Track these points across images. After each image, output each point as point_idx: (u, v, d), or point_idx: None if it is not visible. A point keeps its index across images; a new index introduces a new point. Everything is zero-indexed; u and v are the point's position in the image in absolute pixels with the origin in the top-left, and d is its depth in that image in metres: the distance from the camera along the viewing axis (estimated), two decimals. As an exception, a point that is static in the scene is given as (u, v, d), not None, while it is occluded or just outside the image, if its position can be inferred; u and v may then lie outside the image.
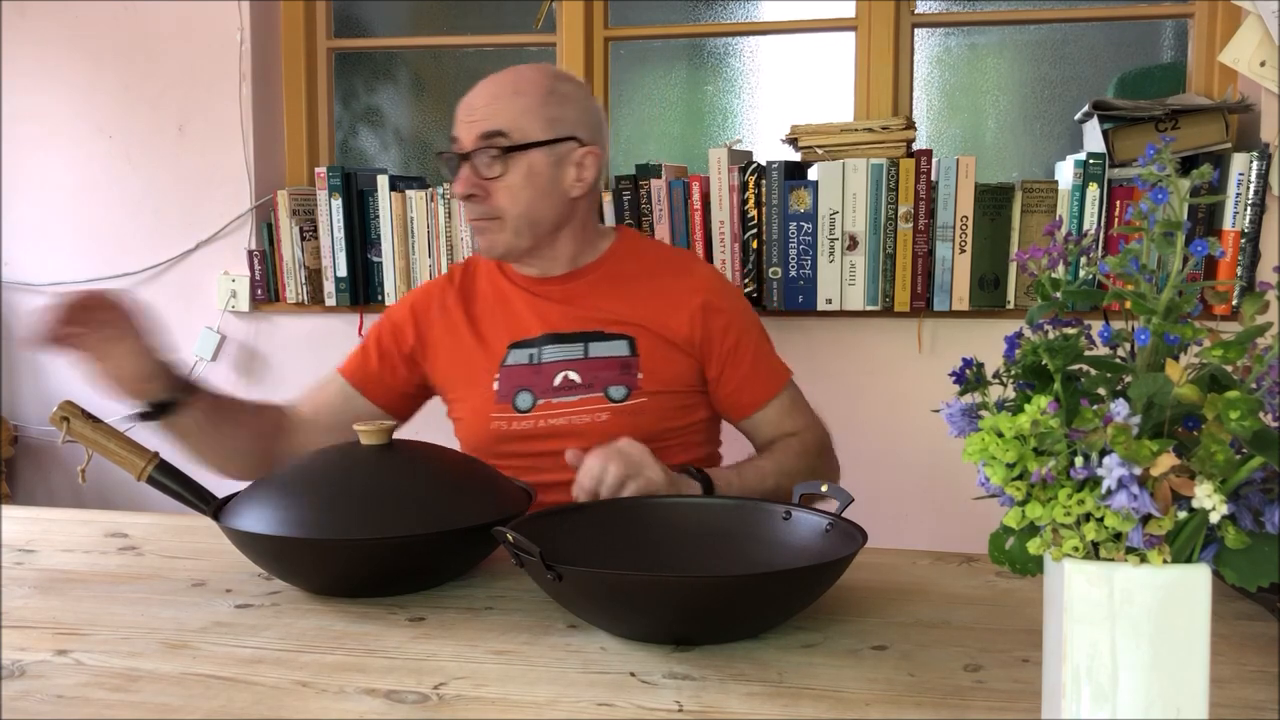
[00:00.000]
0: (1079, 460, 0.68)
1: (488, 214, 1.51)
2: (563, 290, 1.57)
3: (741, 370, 1.57)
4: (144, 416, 1.40)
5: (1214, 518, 0.66)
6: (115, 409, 1.42)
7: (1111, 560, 0.68)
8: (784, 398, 1.61)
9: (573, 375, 1.52)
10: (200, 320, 2.72)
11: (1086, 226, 2.23)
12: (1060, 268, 0.79)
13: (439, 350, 1.60)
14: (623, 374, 1.52)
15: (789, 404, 1.61)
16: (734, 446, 1.67)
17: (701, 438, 1.60)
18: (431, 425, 1.65)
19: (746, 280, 2.36)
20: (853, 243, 2.32)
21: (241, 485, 1.24)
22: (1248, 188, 2.19)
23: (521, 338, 1.56)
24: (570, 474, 1.41)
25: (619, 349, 1.53)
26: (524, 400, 1.52)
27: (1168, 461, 0.66)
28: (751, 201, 2.35)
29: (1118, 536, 0.68)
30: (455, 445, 1.62)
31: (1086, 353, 0.75)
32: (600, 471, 1.28)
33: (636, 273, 1.59)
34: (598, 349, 1.53)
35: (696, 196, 2.37)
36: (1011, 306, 2.29)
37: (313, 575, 1.15)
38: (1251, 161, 2.18)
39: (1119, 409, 0.67)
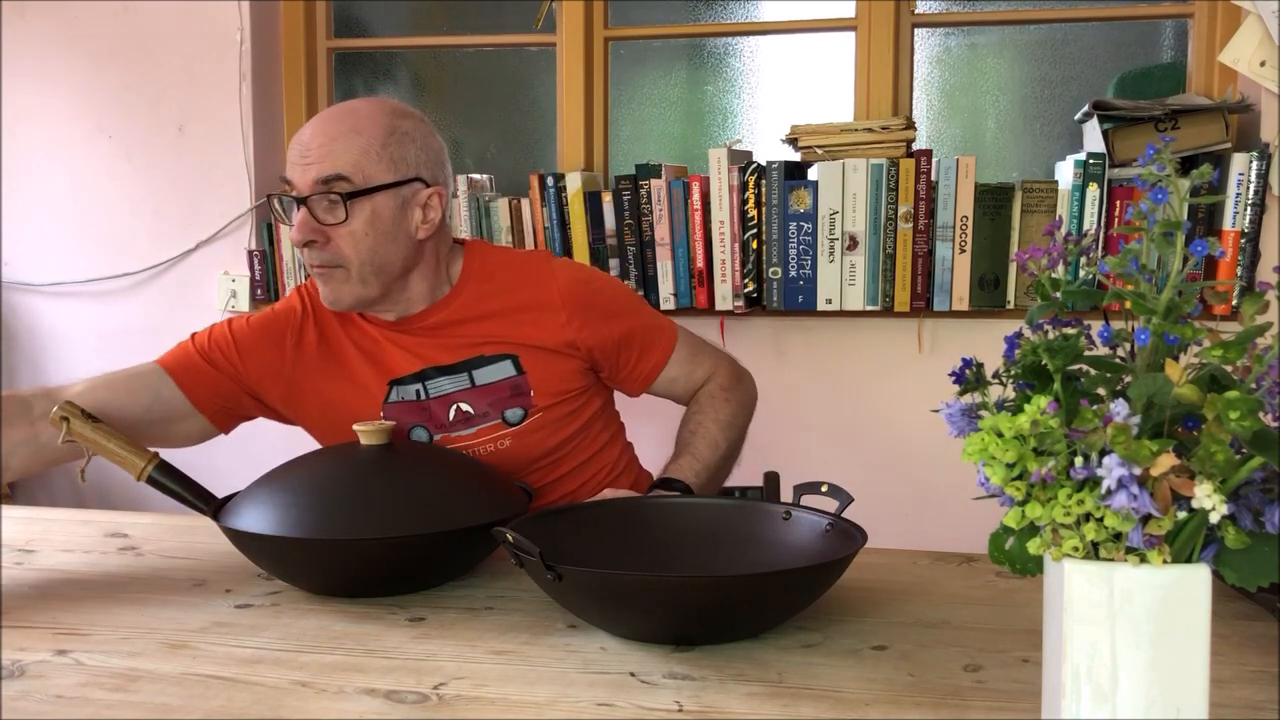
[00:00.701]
0: (1079, 460, 0.68)
1: (330, 261, 1.41)
2: (427, 325, 1.49)
3: (635, 348, 1.54)
4: None
5: (1214, 518, 0.66)
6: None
7: (1111, 560, 0.68)
8: (681, 351, 1.58)
9: (465, 406, 1.46)
10: (200, 320, 2.69)
11: (1086, 226, 2.23)
12: (1060, 268, 0.79)
13: (301, 390, 1.50)
14: (515, 396, 1.46)
15: (688, 354, 1.59)
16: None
17: (599, 427, 1.57)
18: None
19: (746, 280, 2.36)
20: (853, 243, 2.32)
21: (242, 485, 1.24)
22: (1248, 188, 2.19)
23: (401, 374, 1.47)
24: None
25: (505, 370, 1.46)
26: (420, 436, 1.46)
27: (1168, 461, 0.66)
28: (751, 201, 2.35)
29: (1118, 536, 0.68)
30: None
31: (1086, 353, 0.75)
32: None
33: (497, 290, 1.51)
34: (483, 374, 1.46)
35: (696, 196, 2.37)
36: (1011, 306, 2.29)
37: (313, 575, 1.15)
38: (1251, 161, 2.18)
39: (1119, 409, 0.67)
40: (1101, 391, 0.73)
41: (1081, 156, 2.24)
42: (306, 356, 1.50)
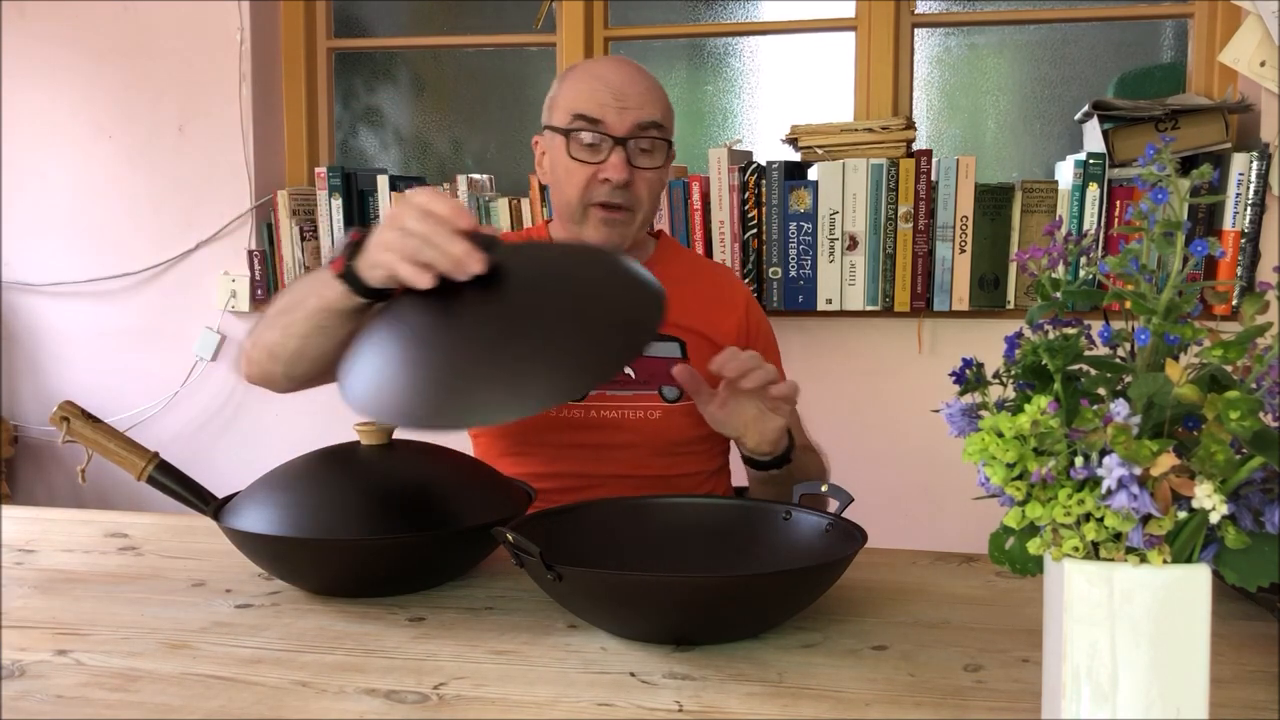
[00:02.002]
0: (1079, 460, 0.68)
1: (626, 202, 1.48)
2: None
3: None
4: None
5: (1214, 518, 0.66)
6: (114, 409, 1.42)
7: (1111, 560, 0.68)
8: (795, 414, 1.61)
9: (628, 369, 1.50)
10: (200, 320, 2.72)
11: (1086, 226, 2.23)
12: (1060, 268, 0.79)
13: None
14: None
15: (798, 420, 1.62)
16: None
17: (720, 448, 1.61)
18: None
19: (746, 280, 2.36)
20: (853, 243, 2.32)
21: (242, 485, 1.24)
22: (1248, 188, 2.19)
23: None
24: (616, 468, 1.46)
25: (671, 351, 1.52)
26: None
27: (1168, 461, 0.66)
28: (751, 201, 2.35)
29: (1118, 536, 0.68)
30: (467, 445, 1.60)
31: (1086, 353, 0.75)
32: (753, 362, 1.29)
33: (682, 277, 1.57)
34: (651, 348, 1.51)
35: (696, 196, 2.37)
36: (1011, 306, 2.30)
37: (313, 575, 1.15)
38: (1251, 161, 2.18)
39: (1119, 409, 0.67)
40: (1101, 391, 0.73)
41: (1081, 156, 2.24)
42: None
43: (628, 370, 1.51)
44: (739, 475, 1.58)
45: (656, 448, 1.50)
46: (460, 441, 1.54)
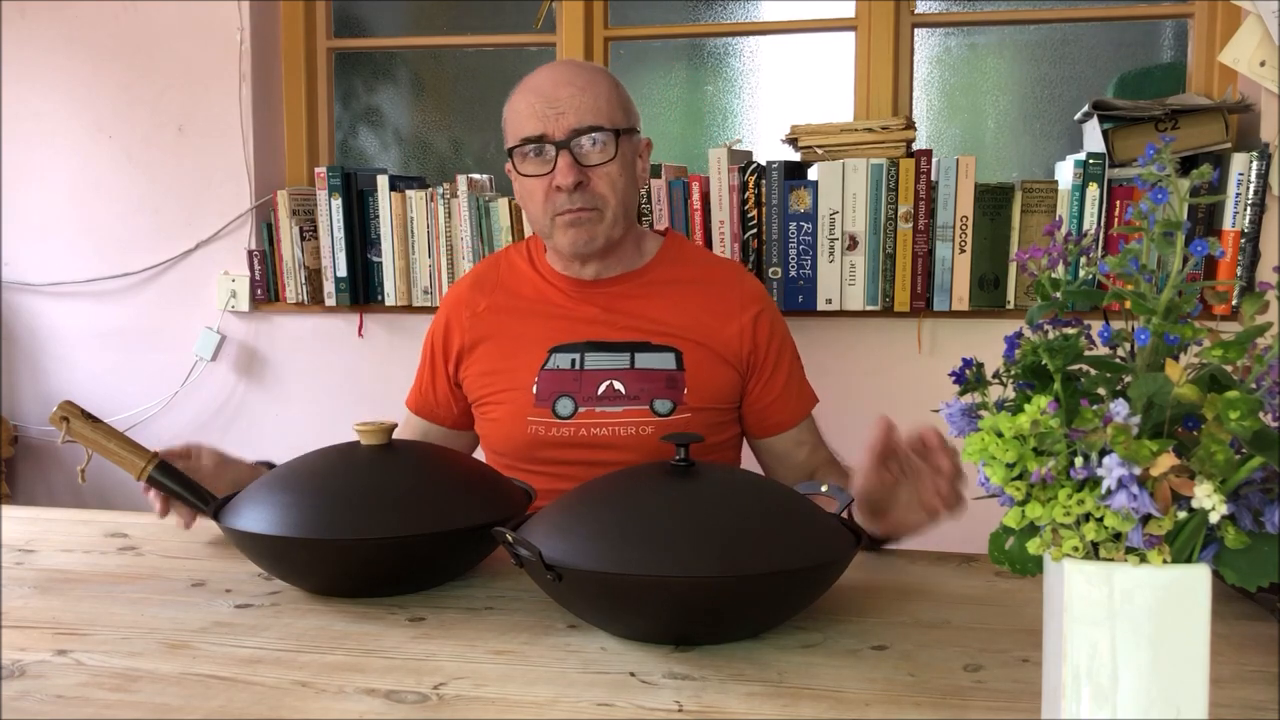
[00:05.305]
0: (1079, 460, 0.68)
1: (589, 204, 1.45)
2: (608, 295, 1.53)
3: (777, 386, 1.56)
4: None
5: (1214, 518, 0.66)
6: (114, 409, 1.42)
7: (1111, 560, 0.68)
8: (812, 422, 1.61)
9: (618, 385, 1.47)
10: (200, 320, 2.72)
11: (1086, 226, 2.23)
12: (1060, 268, 0.79)
13: (474, 354, 1.56)
14: (669, 388, 1.48)
15: (818, 430, 1.61)
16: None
17: (731, 456, 1.59)
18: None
19: (746, 280, 2.36)
20: (853, 243, 2.32)
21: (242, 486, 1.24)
22: (1248, 188, 2.19)
23: (564, 341, 1.50)
24: None
25: (666, 362, 1.49)
26: (564, 406, 1.47)
27: (1168, 461, 0.66)
28: (751, 201, 2.35)
29: (1118, 536, 0.68)
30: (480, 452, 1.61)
31: (1086, 353, 0.75)
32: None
33: (685, 279, 1.55)
34: (644, 360, 1.48)
35: (696, 196, 2.37)
36: (1011, 306, 2.29)
37: (313, 575, 1.15)
38: (1251, 161, 2.18)
39: (1119, 409, 0.67)
40: (1101, 391, 0.73)
41: (1081, 156, 2.24)
42: (479, 325, 1.56)
43: (619, 386, 1.48)
44: None
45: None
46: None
